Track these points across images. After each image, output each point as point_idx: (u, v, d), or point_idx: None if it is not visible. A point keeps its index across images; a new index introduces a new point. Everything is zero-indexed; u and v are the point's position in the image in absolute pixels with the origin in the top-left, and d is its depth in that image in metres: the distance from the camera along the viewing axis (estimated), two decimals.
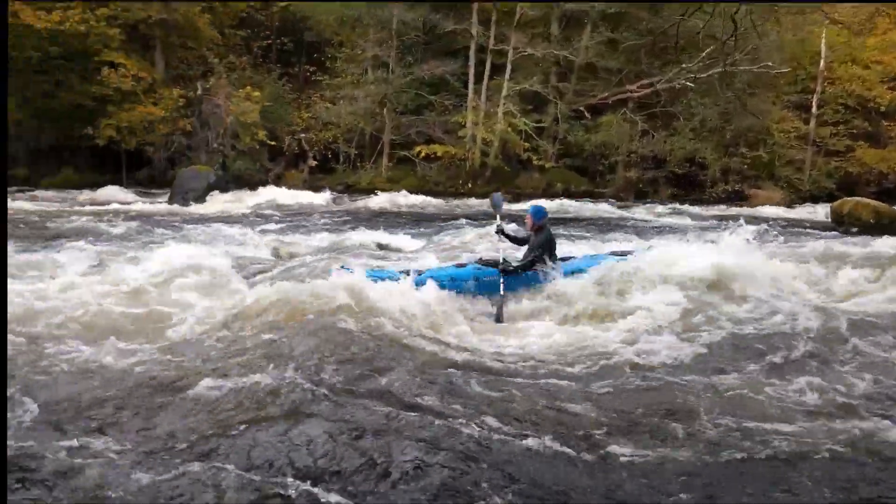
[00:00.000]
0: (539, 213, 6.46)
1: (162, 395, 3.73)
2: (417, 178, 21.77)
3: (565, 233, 12.26)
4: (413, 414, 3.47)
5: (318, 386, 3.79)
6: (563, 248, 7.47)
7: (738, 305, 5.70)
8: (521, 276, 6.13)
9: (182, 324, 5.07)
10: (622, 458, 3.10)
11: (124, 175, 20.97)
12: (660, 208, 19.10)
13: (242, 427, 3.27)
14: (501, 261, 6.15)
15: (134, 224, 11.92)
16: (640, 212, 17.85)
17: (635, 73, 22.45)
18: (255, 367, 4.07)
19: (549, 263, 6.16)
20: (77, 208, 14.71)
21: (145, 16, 20.27)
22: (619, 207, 18.77)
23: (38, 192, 17.97)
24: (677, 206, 20.00)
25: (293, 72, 24.12)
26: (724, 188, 22.18)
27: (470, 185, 21.90)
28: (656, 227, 13.75)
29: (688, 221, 15.55)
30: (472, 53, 21.92)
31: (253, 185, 19.60)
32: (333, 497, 2.68)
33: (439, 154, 21.65)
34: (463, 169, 22.21)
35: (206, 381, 3.79)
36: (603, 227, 13.69)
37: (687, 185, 22.78)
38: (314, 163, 22.31)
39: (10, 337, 4.41)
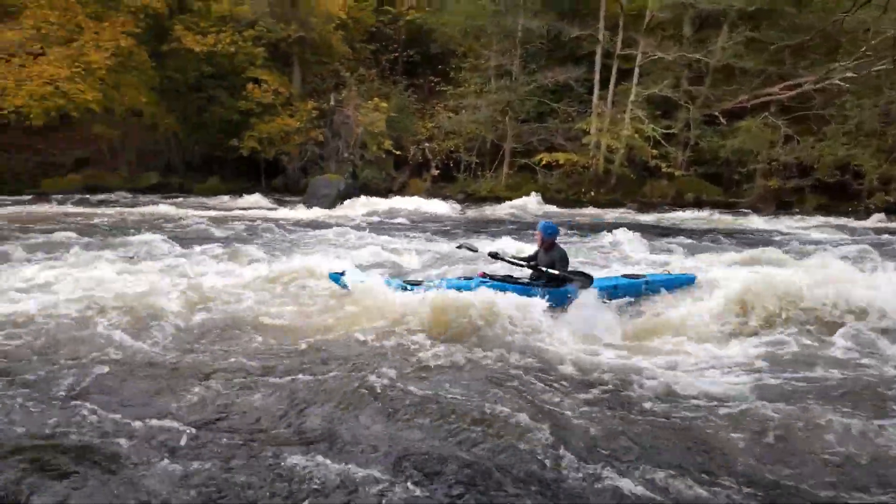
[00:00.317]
0: (549, 228, 6.20)
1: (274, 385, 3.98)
2: (538, 186, 21.60)
3: (693, 243, 11.62)
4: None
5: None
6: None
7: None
8: (556, 291, 5.83)
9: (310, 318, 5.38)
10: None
11: (263, 183, 22.61)
12: (805, 220, 17.49)
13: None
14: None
15: (272, 227, 12.93)
16: (782, 224, 16.45)
17: (778, 73, 20.83)
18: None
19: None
20: (223, 213, 16.07)
21: (285, 35, 21.75)
22: (759, 219, 17.44)
23: (193, 198, 19.86)
24: (826, 218, 18.20)
25: (418, 83, 24.86)
26: (884, 199, 19.84)
27: (593, 193, 21.40)
28: (803, 241, 12.56)
29: (841, 236, 14.07)
30: (597, 59, 21.46)
31: (379, 193, 20.43)
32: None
33: (561, 162, 21.35)
34: (586, 176, 21.76)
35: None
36: (741, 240, 12.71)
37: (837, 195, 20.67)
38: (436, 171, 22.81)
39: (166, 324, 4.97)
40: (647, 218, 17.44)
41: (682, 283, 6.60)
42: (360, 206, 18.20)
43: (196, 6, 21.91)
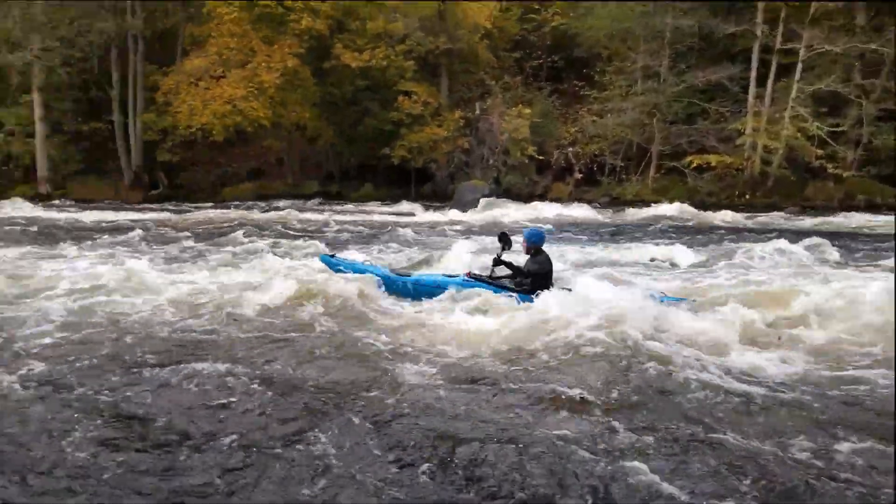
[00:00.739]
0: (533, 235, 6.27)
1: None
2: (687, 190, 21.00)
3: (868, 249, 10.91)
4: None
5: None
6: None
7: None
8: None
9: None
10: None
11: (413, 190, 23.91)
12: None
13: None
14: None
15: (419, 231, 13.90)
16: None
17: None
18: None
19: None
20: (376, 218, 17.36)
21: (434, 47, 22.90)
22: None
23: (349, 205, 21.52)
24: None
25: (562, 88, 25.07)
26: None
27: (748, 196, 20.43)
28: None
29: None
30: (754, 55, 20.49)
31: (522, 198, 20.91)
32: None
33: (713, 164, 20.59)
34: (740, 179, 20.83)
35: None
36: None
37: None
38: (580, 175, 22.88)
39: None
40: (810, 222, 16.41)
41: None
42: (503, 211, 18.78)
43: (354, 25, 23.67)
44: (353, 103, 24.15)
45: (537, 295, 5.93)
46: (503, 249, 6.48)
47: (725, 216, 17.15)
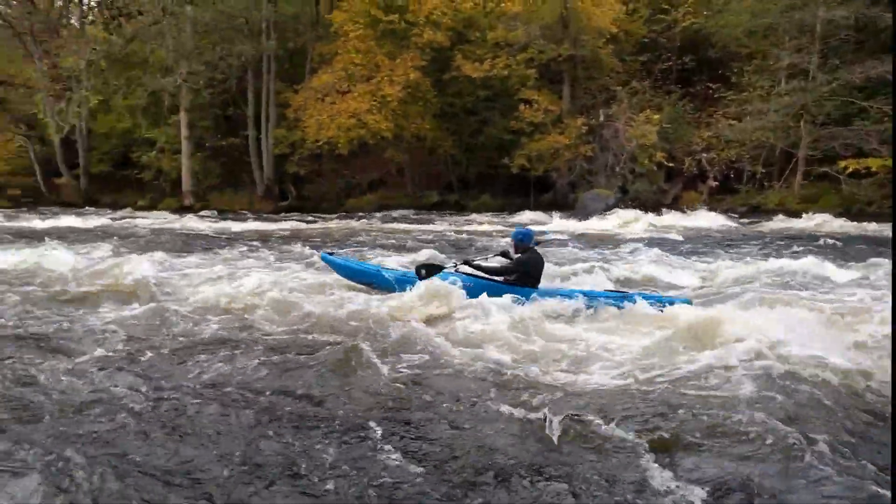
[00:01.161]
0: (518, 234, 6.72)
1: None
2: (841, 198, 18.98)
3: None
4: None
5: None
6: None
7: None
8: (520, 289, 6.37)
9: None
10: None
11: (532, 199, 23.46)
12: None
13: None
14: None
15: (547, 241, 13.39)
16: None
17: None
18: None
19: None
20: (495, 228, 17.09)
21: (556, 54, 22.41)
22: None
23: (468, 215, 21.45)
24: None
25: (694, 91, 23.64)
26: None
27: None
28: None
29: None
30: None
31: (650, 207, 19.83)
32: None
33: (874, 168, 18.43)
34: None
35: None
36: None
37: None
38: (715, 183, 21.37)
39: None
40: None
41: (671, 304, 6.13)
42: (630, 221, 17.87)
43: (474, 36, 23.76)
44: (473, 113, 24.19)
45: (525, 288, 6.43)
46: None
47: (888, 228, 15.20)
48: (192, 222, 20.05)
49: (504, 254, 7.10)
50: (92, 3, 30.60)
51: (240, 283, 7.39)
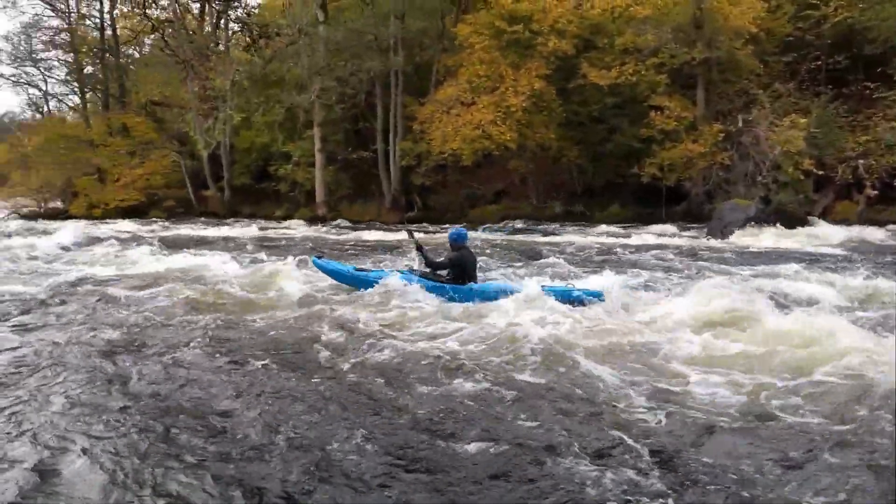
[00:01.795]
0: (453, 235, 7.88)
1: None
2: None
3: None
4: None
5: None
6: None
7: None
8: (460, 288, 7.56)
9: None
10: None
11: (663, 210, 22.67)
12: None
13: None
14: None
15: (672, 255, 12.93)
16: None
17: None
18: None
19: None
20: (622, 240, 16.70)
21: (689, 58, 21.55)
22: None
23: (594, 227, 21.09)
24: None
25: (847, 92, 21.82)
26: None
27: None
28: None
29: None
30: None
31: (796, 219, 18.53)
32: None
33: None
34: None
35: None
36: None
37: None
38: (873, 192, 19.60)
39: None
40: None
41: (578, 298, 7.17)
42: (773, 234, 16.81)
43: (601, 43, 23.36)
44: (600, 121, 23.78)
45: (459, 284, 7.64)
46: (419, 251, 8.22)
47: None
48: (325, 232, 21.27)
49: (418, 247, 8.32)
50: (235, 28, 33.30)
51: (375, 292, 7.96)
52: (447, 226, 23.20)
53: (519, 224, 22.66)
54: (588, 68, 22.70)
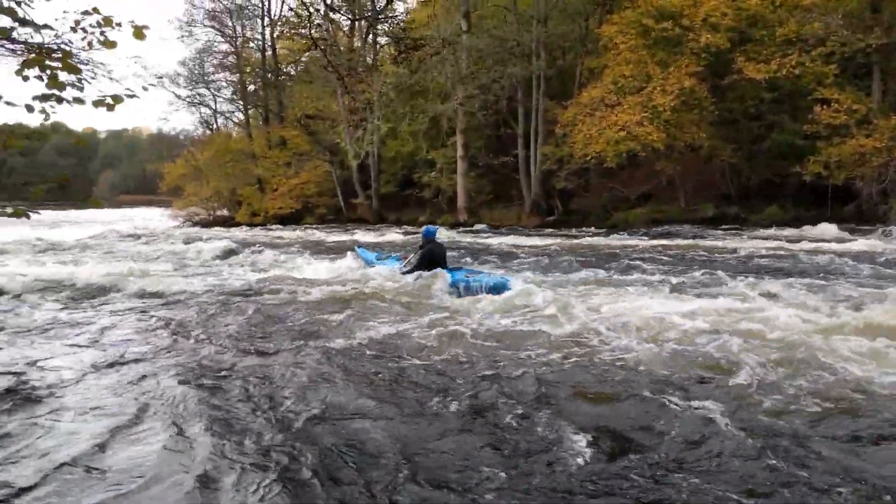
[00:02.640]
0: (426, 231, 10.06)
1: None
2: None
3: None
4: None
5: None
6: None
7: None
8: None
9: None
10: None
11: (829, 210, 21.12)
12: None
13: None
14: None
15: (843, 261, 12.04)
16: None
17: None
18: None
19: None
20: (784, 244, 15.72)
21: (863, 45, 19.94)
22: None
23: (750, 230, 20.10)
24: None
25: None
26: None
27: None
28: None
29: None
30: None
31: None
32: None
33: None
34: None
35: None
36: None
37: None
38: None
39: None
40: None
41: (495, 285, 8.66)
42: None
43: (759, 35, 22.20)
44: (756, 118, 22.62)
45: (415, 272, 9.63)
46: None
47: None
48: (465, 236, 21.96)
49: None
50: (382, 42, 35.26)
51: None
52: (591, 228, 23.29)
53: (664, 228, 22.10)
54: (744, 62, 21.66)
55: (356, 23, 34.40)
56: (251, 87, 41.13)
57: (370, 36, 35.16)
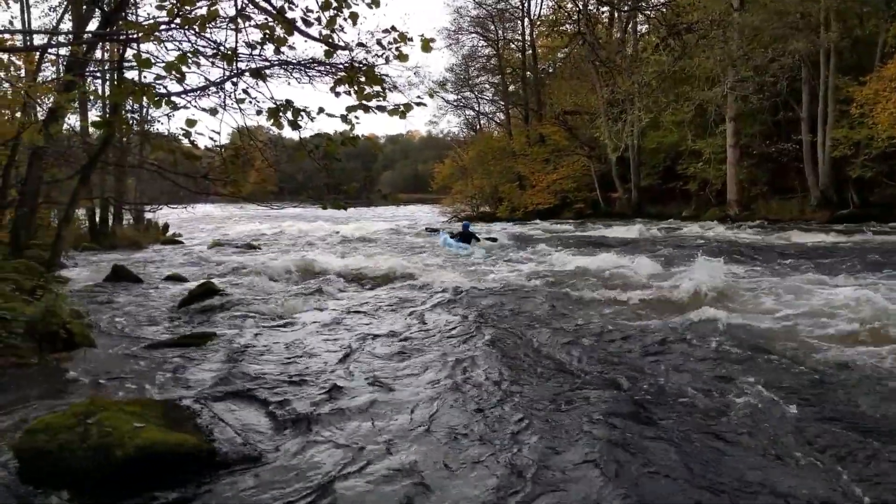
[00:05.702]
0: (464, 224, 18.95)
1: None
2: None
3: None
4: None
5: None
6: None
7: None
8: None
9: None
10: None
11: None
12: None
13: None
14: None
15: None
16: None
17: None
18: None
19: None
20: None
21: None
22: None
23: None
24: None
25: None
26: None
27: None
28: None
29: None
30: None
31: None
32: None
33: None
34: None
35: None
36: None
37: None
38: None
39: None
40: None
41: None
42: None
43: None
44: None
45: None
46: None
47: None
48: (737, 232, 20.44)
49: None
50: (642, 30, 34.26)
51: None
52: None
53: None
54: None
55: (615, 13, 34.09)
56: (511, 87, 43.01)
57: (629, 25, 34.46)
